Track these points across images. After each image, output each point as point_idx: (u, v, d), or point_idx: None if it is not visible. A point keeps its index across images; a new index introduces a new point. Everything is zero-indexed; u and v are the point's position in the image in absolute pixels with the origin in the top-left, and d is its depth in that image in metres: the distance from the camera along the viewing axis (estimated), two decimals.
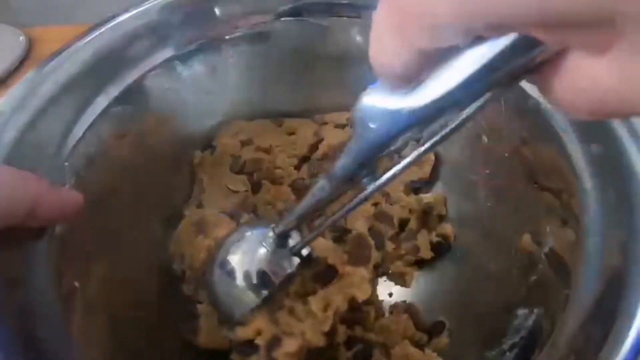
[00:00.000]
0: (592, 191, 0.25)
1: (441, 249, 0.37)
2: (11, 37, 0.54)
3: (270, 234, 0.27)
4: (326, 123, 0.42)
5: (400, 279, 0.37)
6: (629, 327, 0.20)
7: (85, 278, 0.27)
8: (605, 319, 0.21)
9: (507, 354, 0.26)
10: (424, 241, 0.38)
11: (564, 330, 0.23)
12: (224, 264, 0.28)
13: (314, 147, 0.40)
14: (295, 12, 0.37)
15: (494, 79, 0.13)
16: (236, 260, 0.28)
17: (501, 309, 0.29)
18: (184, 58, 0.35)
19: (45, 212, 0.21)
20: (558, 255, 0.27)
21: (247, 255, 0.28)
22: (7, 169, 0.23)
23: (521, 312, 0.27)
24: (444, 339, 0.32)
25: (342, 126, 0.41)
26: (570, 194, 0.27)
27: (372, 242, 0.36)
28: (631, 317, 0.20)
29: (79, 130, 0.29)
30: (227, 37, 0.36)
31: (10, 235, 0.22)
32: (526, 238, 0.30)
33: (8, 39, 0.53)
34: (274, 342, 0.27)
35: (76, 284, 0.26)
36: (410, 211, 0.39)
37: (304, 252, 0.27)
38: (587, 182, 0.25)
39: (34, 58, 0.53)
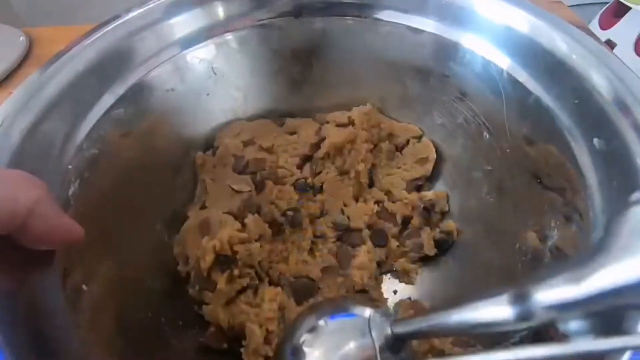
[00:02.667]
0: (596, 186, 0.25)
1: (445, 245, 0.37)
2: (11, 37, 0.53)
3: (388, 330, 0.22)
4: (327, 122, 0.42)
5: (404, 276, 0.38)
6: (635, 322, 0.20)
7: (92, 279, 0.27)
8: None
9: None
10: (427, 238, 0.38)
11: None
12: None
13: (316, 146, 0.40)
14: (297, 12, 0.37)
15: None
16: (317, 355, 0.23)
17: None
18: (185, 58, 0.35)
19: (42, 223, 0.19)
20: (562, 250, 0.27)
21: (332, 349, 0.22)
22: (12, 170, 0.23)
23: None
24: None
25: (344, 125, 0.41)
26: (574, 191, 0.27)
27: None
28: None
29: (82, 131, 0.29)
30: (229, 36, 0.36)
31: (15, 262, 0.21)
32: (530, 233, 0.30)
33: (8, 39, 0.53)
34: None
35: (83, 286, 0.26)
36: (413, 208, 0.39)
37: None
38: (591, 177, 0.26)
39: (34, 58, 0.52)
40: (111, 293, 0.29)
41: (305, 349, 0.23)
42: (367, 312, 0.23)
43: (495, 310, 0.17)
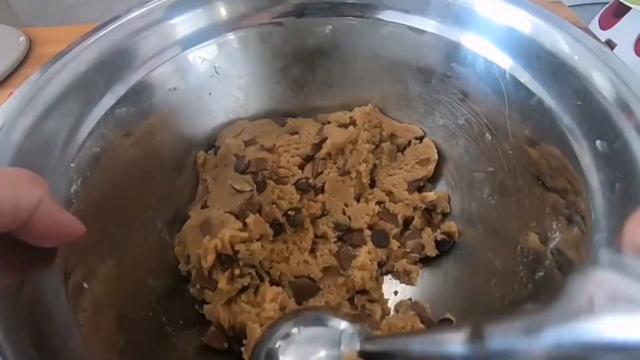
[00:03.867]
0: (598, 188, 0.25)
1: (446, 246, 0.37)
2: (11, 37, 0.53)
3: (357, 346, 0.22)
4: (329, 122, 0.42)
5: (405, 277, 0.37)
6: None
7: (93, 277, 0.27)
8: None
9: None
10: (428, 239, 0.38)
11: None
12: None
13: (318, 146, 0.40)
14: (299, 12, 0.37)
15: None
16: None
17: (508, 306, 0.30)
18: (187, 58, 0.35)
19: (45, 220, 0.20)
20: (564, 252, 0.27)
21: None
22: (14, 169, 0.23)
23: (529, 308, 0.27)
24: None
25: (345, 125, 0.41)
26: (576, 193, 0.27)
27: None
28: None
29: (84, 130, 0.29)
30: (231, 36, 0.36)
31: (18, 260, 0.21)
32: (532, 235, 0.30)
33: (8, 39, 0.53)
34: None
35: (85, 284, 0.26)
36: (414, 209, 0.39)
37: None
38: (593, 179, 0.26)
39: (34, 58, 0.52)
40: (112, 292, 0.29)
41: (279, 355, 0.24)
42: (342, 325, 0.24)
43: (450, 344, 0.17)
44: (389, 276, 0.38)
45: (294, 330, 0.25)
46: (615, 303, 0.12)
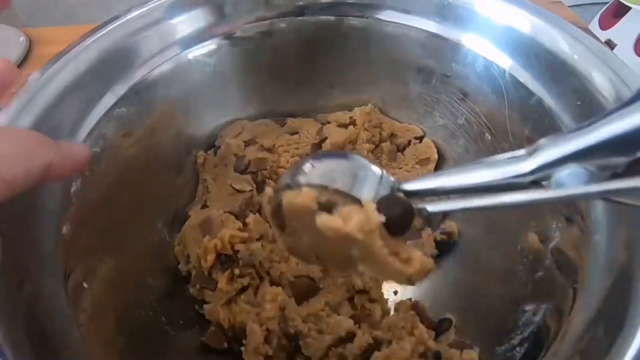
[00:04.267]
0: None
1: (446, 246, 0.37)
2: (11, 37, 0.53)
3: (395, 184, 0.21)
4: (329, 122, 0.42)
5: None
6: (636, 326, 0.20)
7: (93, 277, 0.27)
8: (612, 317, 0.21)
9: (517, 349, 0.26)
10: (428, 239, 0.38)
11: (571, 328, 0.23)
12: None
13: (317, 146, 0.40)
14: (299, 12, 0.37)
15: None
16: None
17: (507, 305, 0.30)
18: (187, 58, 0.35)
19: (57, 172, 0.21)
20: (564, 251, 0.27)
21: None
22: (27, 131, 0.23)
23: (529, 307, 0.27)
24: (451, 336, 0.32)
25: (345, 125, 0.41)
26: None
27: None
28: (638, 316, 0.20)
29: (84, 130, 0.29)
30: (230, 36, 0.36)
31: None
32: (531, 234, 0.30)
33: (8, 39, 0.53)
34: None
35: (85, 284, 0.26)
36: None
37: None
38: None
39: (34, 58, 0.52)
40: (112, 291, 0.29)
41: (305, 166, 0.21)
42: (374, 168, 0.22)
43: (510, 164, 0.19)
44: None
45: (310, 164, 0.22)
46: None
